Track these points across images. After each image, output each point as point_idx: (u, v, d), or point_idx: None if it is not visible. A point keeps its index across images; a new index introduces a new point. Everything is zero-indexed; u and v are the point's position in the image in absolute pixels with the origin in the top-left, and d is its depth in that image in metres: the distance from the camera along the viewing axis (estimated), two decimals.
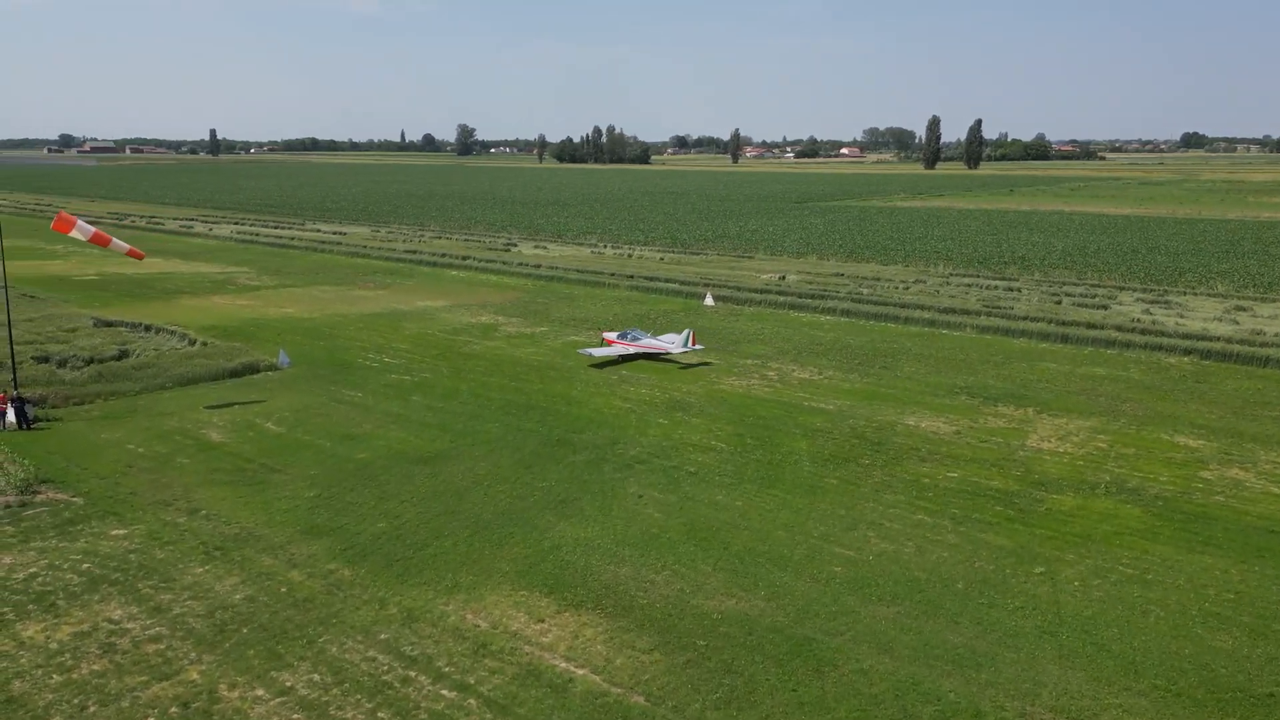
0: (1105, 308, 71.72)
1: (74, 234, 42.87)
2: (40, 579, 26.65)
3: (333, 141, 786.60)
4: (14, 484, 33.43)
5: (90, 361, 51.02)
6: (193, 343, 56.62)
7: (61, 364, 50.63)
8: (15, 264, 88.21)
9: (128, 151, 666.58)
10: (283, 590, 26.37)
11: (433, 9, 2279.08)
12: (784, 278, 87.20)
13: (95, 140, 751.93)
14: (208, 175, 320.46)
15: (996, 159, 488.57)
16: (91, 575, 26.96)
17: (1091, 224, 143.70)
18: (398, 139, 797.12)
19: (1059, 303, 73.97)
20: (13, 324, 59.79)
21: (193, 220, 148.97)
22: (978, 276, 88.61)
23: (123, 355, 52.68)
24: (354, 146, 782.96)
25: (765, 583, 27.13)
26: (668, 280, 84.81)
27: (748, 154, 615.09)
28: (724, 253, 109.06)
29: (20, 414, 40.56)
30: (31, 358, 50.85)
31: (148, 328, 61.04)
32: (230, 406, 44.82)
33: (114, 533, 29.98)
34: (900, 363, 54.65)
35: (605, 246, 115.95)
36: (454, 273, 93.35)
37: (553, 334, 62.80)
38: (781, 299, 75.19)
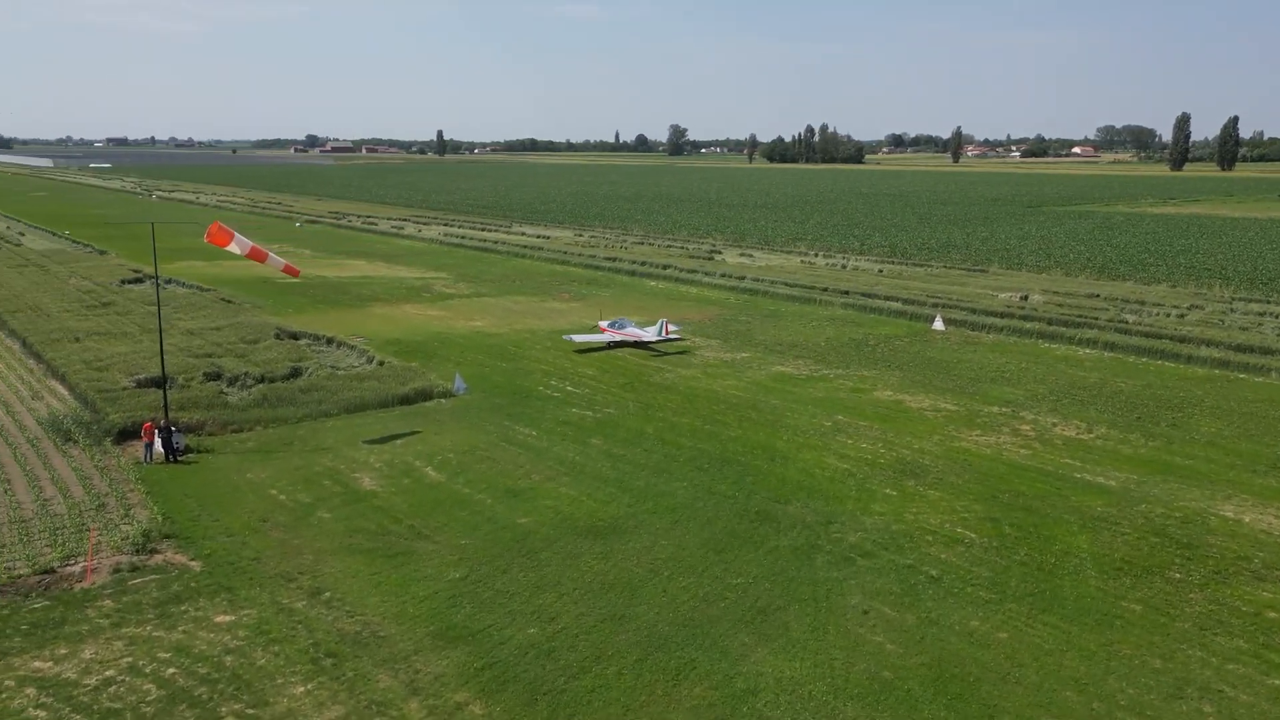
0: None
1: (231, 248, 39.01)
2: (113, 690, 21.55)
3: (550, 142, 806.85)
4: (134, 538, 29.16)
5: (261, 380, 47.69)
6: (370, 360, 52.76)
7: (232, 382, 47.55)
8: (226, 264, 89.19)
9: (363, 151, 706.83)
10: None
11: (649, 11, 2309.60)
12: (1026, 297, 75.80)
13: (336, 140, 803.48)
14: (430, 175, 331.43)
15: (1254, 159, 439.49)
16: (173, 688, 21.66)
17: None
18: (612, 139, 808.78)
19: None
20: (198, 332, 58.20)
21: (405, 221, 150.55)
22: (1268, 302, 74.10)
23: (295, 374, 49.16)
24: (570, 147, 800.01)
25: None
26: (888, 298, 75.33)
27: (969, 153, 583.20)
28: (952, 265, 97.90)
29: (167, 445, 36.91)
30: (203, 374, 48.04)
31: (329, 340, 57.91)
32: (392, 441, 39.89)
33: (219, 619, 24.84)
34: (1193, 419, 43.62)
35: (816, 255, 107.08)
36: (652, 283, 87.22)
37: (756, 362, 55.14)
38: (1027, 325, 64.39)
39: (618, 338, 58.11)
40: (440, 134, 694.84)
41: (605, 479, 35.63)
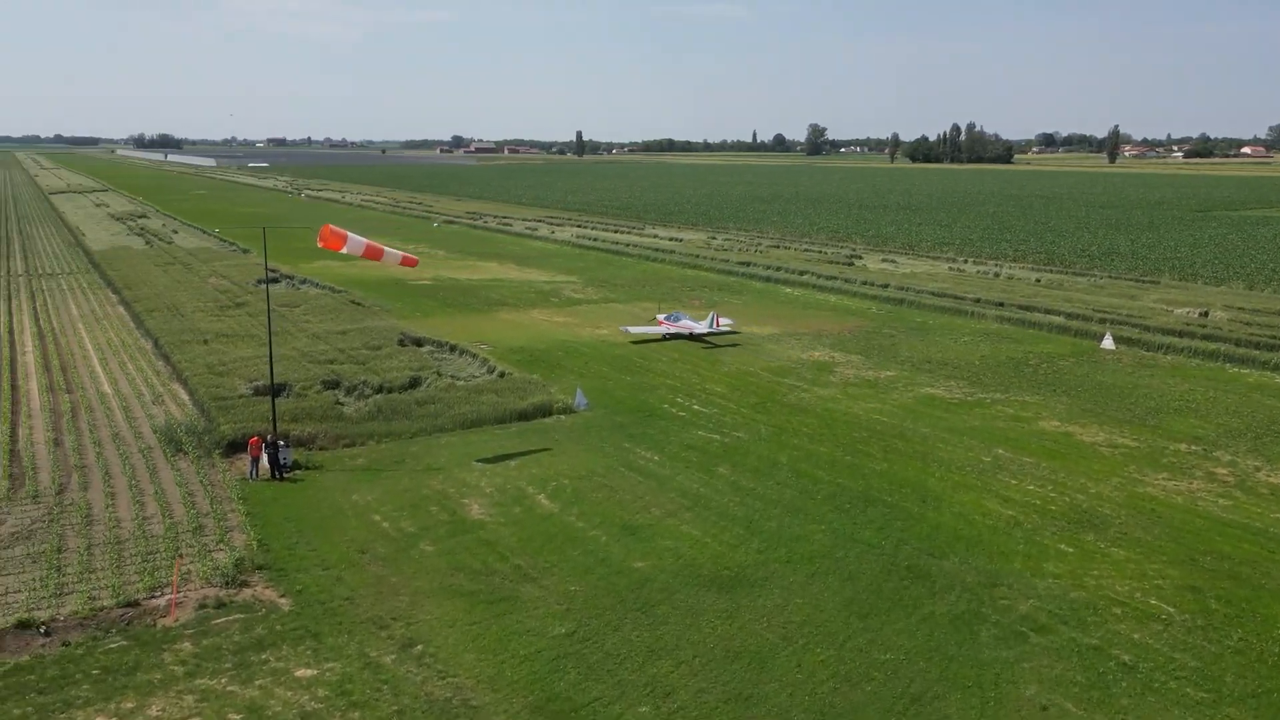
0: None
1: (345, 250, 37.11)
2: None
3: (688, 142, 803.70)
4: (224, 569, 27.24)
5: (379, 390, 46.03)
6: (491, 371, 50.63)
7: (349, 391, 46.05)
8: (360, 265, 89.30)
9: (505, 152, 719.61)
10: None
11: (790, 9, 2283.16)
12: (1206, 314, 68.30)
13: (480, 141, 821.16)
14: (567, 176, 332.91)
15: None
16: None
17: None
18: (749, 139, 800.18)
19: None
20: (323, 336, 57.32)
21: (539, 222, 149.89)
22: None
23: (413, 384, 47.33)
24: (707, 147, 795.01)
25: None
26: (1048, 311, 69.06)
27: (1126, 153, 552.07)
28: (1117, 274, 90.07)
29: (273, 460, 35.24)
30: (321, 381, 46.71)
31: (452, 348, 56.19)
32: (506, 462, 37.33)
33: (300, 674, 22.42)
34: None
35: (966, 261, 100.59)
36: (788, 290, 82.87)
37: (902, 382, 50.49)
38: (1210, 346, 57.50)
39: (672, 330, 60.79)
40: (579, 134, 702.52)
41: (732, 517, 32.07)
